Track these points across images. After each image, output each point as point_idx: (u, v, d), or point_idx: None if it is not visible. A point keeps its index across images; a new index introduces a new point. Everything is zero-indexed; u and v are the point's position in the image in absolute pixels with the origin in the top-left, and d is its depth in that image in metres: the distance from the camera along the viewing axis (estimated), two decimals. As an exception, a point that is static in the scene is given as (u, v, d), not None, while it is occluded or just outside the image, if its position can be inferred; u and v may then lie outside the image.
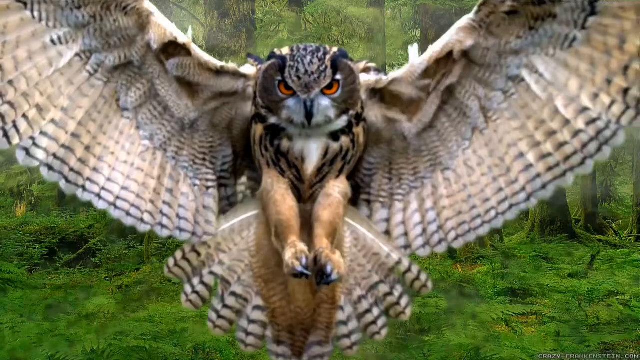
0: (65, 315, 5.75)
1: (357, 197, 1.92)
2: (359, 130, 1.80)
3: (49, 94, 1.65)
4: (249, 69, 1.85)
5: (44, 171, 1.68)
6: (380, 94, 1.84)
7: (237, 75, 1.82)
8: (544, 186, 1.73)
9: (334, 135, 1.77)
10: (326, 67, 1.68)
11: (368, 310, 1.90)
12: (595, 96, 1.62)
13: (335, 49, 1.74)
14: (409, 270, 1.89)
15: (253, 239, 1.90)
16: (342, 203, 1.83)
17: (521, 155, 1.73)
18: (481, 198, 1.80)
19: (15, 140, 1.63)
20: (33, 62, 1.62)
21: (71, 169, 1.71)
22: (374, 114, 1.84)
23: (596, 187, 14.83)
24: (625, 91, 1.59)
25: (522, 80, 1.70)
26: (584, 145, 1.65)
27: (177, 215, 1.82)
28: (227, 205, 1.93)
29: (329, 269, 1.67)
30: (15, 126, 1.62)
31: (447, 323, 5.52)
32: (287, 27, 12.36)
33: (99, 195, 1.74)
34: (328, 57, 1.70)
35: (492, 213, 1.79)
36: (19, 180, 13.45)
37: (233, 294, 1.90)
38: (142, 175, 1.79)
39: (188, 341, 4.99)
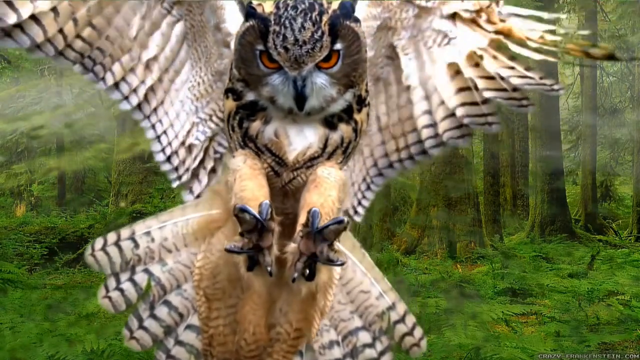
0: (65, 315, 5.75)
1: None
2: (362, 116, 1.48)
3: (139, 39, 1.61)
4: (233, 19, 1.57)
5: (123, 104, 1.66)
6: None
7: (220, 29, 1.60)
8: (391, 165, 1.68)
9: (329, 122, 1.44)
10: (323, 33, 1.31)
11: None
12: (441, 103, 1.58)
13: (334, 6, 1.36)
14: (402, 320, 1.57)
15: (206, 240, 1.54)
16: (335, 187, 1.43)
17: (378, 129, 1.68)
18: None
19: (111, 82, 1.61)
20: (120, 14, 1.58)
21: (144, 99, 1.65)
22: None
23: (596, 187, 14.82)
24: (455, 109, 1.56)
25: (394, 57, 1.61)
26: (413, 144, 1.64)
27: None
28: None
29: (315, 210, 1.28)
30: (112, 73, 1.61)
31: (447, 323, 5.51)
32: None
33: (153, 126, 1.67)
34: (325, 18, 1.31)
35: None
36: (19, 180, 13.46)
37: (167, 303, 1.55)
38: (186, 116, 1.68)
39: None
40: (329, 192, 1.41)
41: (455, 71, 1.54)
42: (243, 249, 1.29)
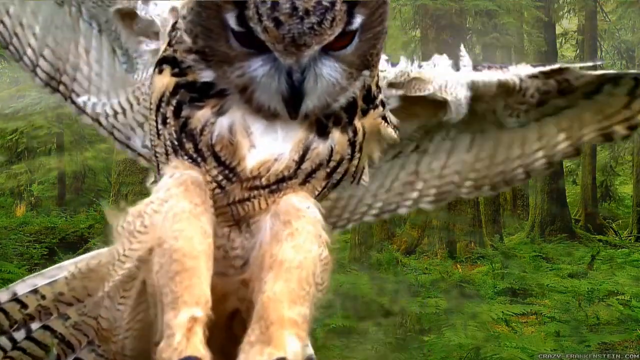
0: (65, 315, 5.75)
1: None
2: (367, 124, 1.01)
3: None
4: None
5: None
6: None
7: None
8: None
9: (319, 122, 0.97)
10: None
11: None
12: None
13: None
14: None
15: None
16: (318, 234, 0.96)
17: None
18: None
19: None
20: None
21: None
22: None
23: (596, 187, 14.83)
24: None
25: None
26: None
27: None
28: None
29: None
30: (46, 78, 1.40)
31: (447, 323, 5.52)
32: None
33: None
34: None
35: None
36: (19, 180, 13.47)
37: None
38: None
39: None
40: (309, 248, 0.92)
41: None
42: None
